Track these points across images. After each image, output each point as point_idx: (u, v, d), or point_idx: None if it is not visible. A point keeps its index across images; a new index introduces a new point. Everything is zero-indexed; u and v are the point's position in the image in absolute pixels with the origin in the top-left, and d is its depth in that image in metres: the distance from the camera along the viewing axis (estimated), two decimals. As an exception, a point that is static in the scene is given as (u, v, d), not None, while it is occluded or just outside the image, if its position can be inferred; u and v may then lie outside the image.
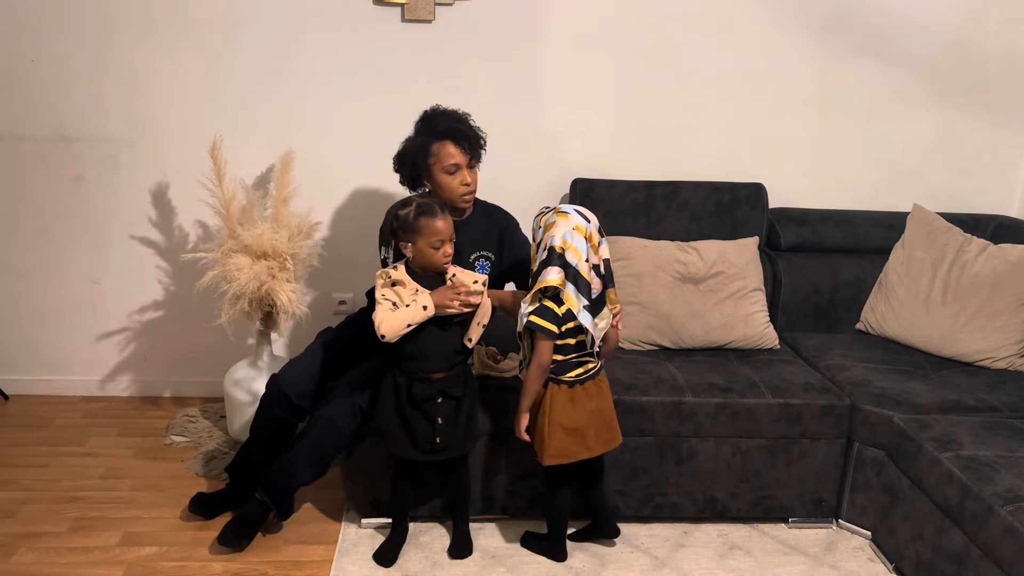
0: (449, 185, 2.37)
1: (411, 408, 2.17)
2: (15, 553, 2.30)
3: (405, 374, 2.17)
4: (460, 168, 2.37)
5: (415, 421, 2.18)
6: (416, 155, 2.38)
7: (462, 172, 2.38)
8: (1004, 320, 2.69)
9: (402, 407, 2.18)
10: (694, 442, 2.47)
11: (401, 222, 2.14)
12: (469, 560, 2.35)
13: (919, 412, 2.40)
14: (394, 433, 2.21)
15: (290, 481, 2.34)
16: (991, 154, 3.22)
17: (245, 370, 2.88)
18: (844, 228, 3.04)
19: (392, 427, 2.21)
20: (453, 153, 2.35)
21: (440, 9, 2.92)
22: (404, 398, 2.17)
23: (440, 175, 2.37)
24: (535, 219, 2.20)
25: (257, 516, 2.37)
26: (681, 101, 3.08)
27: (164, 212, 3.09)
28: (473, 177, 2.41)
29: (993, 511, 1.95)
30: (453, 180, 2.37)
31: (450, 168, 2.36)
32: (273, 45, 2.93)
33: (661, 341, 2.77)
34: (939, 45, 3.08)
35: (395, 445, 2.23)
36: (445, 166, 2.36)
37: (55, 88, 2.94)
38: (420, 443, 2.20)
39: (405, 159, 2.41)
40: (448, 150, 2.35)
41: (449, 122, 2.39)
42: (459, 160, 2.36)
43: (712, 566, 2.38)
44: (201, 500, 2.49)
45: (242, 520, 2.36)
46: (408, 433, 2.20)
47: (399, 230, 2.15)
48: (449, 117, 2.41)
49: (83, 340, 3.21)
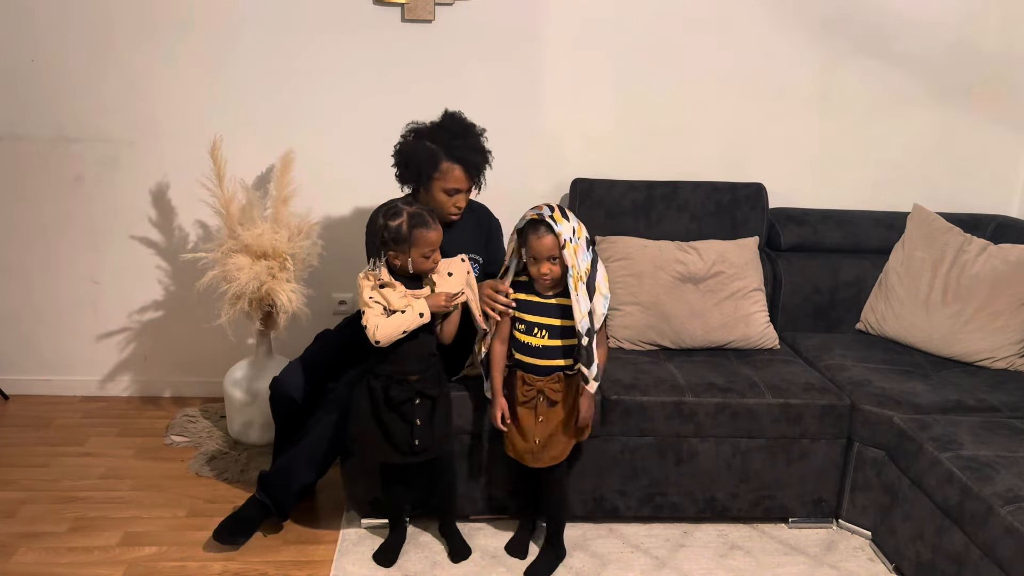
0: (443, 203, 2.38)
1: (389, 411, 2.15)
2: (15, 553, 2.30)
3: (380, 378, 2.15)
4: (460, 192, 2.38)
5: (393, 424, 2.16)
6: (423, 163, 2.35)
7: (460, 195, 2.39)
8: (1004, 320, 2.69)
9: (379, 411, 2.16)
10: (694, 442, 2.47)
11: (393, 234, 2.08)
12: (469, 560, 2.35)
13: (919, 412, 2.40)
14: (372, 439, 2.19)
15: (290, 482, 2.34)
16: (991, 154, 3.22)
17: (245, 370, 2.88)
18: (844, 228, 3.04)
19: (369, 433, 2.18)
20: (459, 179, 2.35)
21: (440, 9, 2.92)
22: (381, 402, 2.15)
23: (438, 192, 2.37)
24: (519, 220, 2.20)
25: (255, 516, 2.37)
26: (681, 101, 3.08)
27: (164, 212, 3.09)
28: (466, 201, 2.42)
29: (993, 511, 1.95)
30: (448, 200, 2.38)
31: (451, 191, 2.37)
32: (273, 45, 2.93)
33: (661, 341, 2.77)
34: (939, 45, 3.08)
35: (376, 452, 2.21)
36: (447, 187, 2.36)
37: (55, 88, 2.94)
38: (400, 446, 2.18)
39: (411, 162, 2.37)
40: (456, 174, 2.35)
41: (467, 146, 2.36)
42: (462, 186, 2.37)
43: (712, 566, 2.38)
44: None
45: (239, 519, 2.36)
46: (387, 437, 2.17)
47: (391, 242, 2.09)
48: (469, 136, 2.38)
49: (83, 340, 3.21)
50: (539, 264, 2.13)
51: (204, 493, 2.63)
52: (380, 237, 2.11)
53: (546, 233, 2.10)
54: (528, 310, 2.20)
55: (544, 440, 2.22)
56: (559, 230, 2.09)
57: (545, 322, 2.18)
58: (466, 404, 2.38)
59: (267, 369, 2.82)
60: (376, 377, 2.16)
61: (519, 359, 2.22)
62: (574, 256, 2.11)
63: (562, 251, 2.10)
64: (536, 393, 2.20)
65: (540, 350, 2.19)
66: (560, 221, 2.11)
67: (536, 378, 2.20)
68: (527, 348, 2.20)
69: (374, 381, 2.16)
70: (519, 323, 2.21)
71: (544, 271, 2.13)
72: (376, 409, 2.17)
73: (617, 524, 2.55)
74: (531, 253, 2.13)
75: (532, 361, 2.20)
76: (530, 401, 2.21)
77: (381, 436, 2.18)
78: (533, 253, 2.13)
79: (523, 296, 2.21)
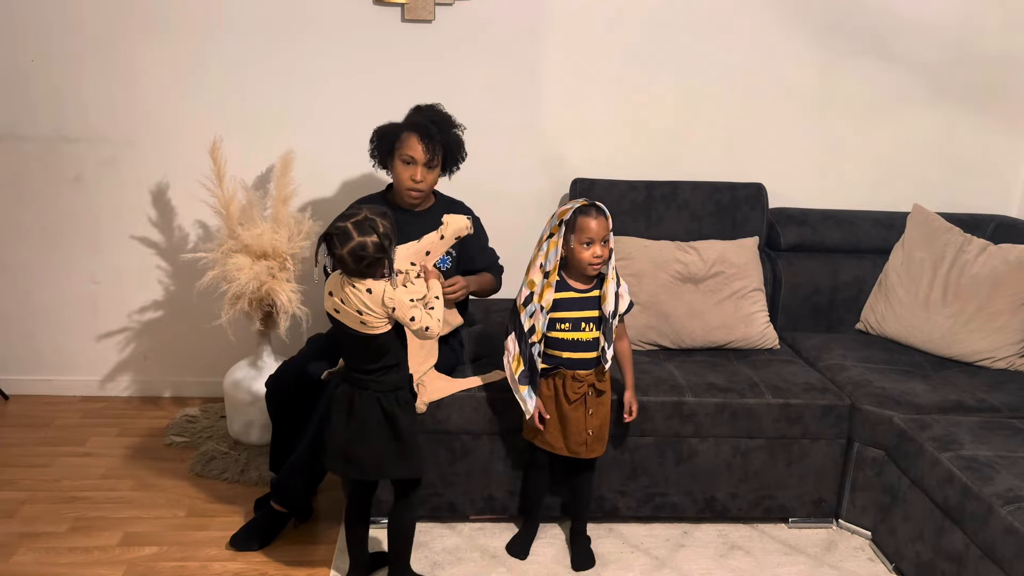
0: (400, 175, 2.43)
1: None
2: (15, 553, 2.30)
3: (351, 383, 2.04)
4: (415, 163, 2.40)
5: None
6: (386, 135, 2.45)
7: (416, 167, 2.41)
8: (1004, 320, 2.69)
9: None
10: (694, 442, 2.47)
11: (383, 253, 1.90)
12: (469, 560, 2.35)
13: (919, 412, 2.40)
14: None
15: (299, 484, 2.35)
16: (991, 154, 3.22)
17: (245, 370, 2.88)
18: (844, 228, 3.04)
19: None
20: (415, 146, 2.40)
21: (440, 9, 2.92)
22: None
23: (396, 162, 2.43)
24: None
25: (272, 523, 2.39)
26: (681, 101, 3.08)
27: (164, 212, 3.09)
28: (425, 177, 2.43)
29: (993, 511, 1.95)
30: (404, 171, 2.42)
31: (406, 158, 2.41)
32: (273, 45, 2.93)
33: (661, 341, 2.77)
34: (939, 45, 3.08)
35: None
36: (403, 154, 2.41)
37: (55, 88, 2.94)
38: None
39: (380, 136, 2.48)
40: (411, 142, 2.40)
41: (427, 119, 2.43)
42: (417, 155, 2.40)
43: (712, 566, 2.38)
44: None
45: (257, 526, 2.37)
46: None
47: (378, 262, 1.91)
48: (432, 114, 2.45)
49: (83, 340, 3.21)
50: (593, 247, 2.17)
51: (204, 493, 2.63)
52: (380, 247, 1.90)
53: (599, 215, 2.17)
54: (572, 307, 2.22)
55: (597, 431, 2.27)
56: (609, 214, 2.18)
57: (591, 315, 2.23)
58: (466, 404, 2.38)
59: (267, 369, 2.82)
60: (347, 382, 2.05)
61: (568, 358, 2.23)
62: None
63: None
64: (588, 388, 2.23)
65: (590, 343, 2.23)
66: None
67: (586, 373, 2.23)
68: (577, 344, 2.22)
69: (344, 387, 2.05)
70: (562, 323, 2.22)
71: (598, 253, 2.17)
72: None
73: (617, 524, 2.55)
74: (585, 236, 2.16)
75: (583, 356, 2.23)
76: (580, 398, 2.23)
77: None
78: (589, 235, 2.16)
79: (562, 295, 2.23)
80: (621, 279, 2.26)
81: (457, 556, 2.38)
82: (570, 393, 2.23)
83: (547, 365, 2.25)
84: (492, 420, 2.39)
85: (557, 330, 2.23)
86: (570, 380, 2.23)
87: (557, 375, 2.24)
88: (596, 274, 2.23)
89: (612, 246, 2.21)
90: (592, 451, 2.29)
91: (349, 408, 2.01)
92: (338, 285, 1.94)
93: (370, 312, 1.92)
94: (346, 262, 1.89)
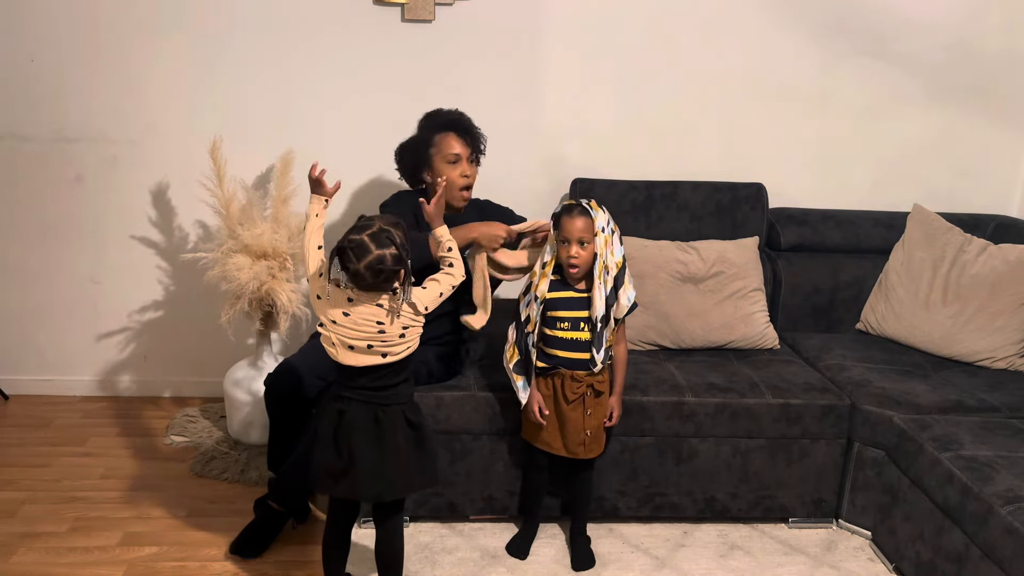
0: (449, 176, 2.39)
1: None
2: (15, 553, 2.30)
3: (366, 402, 1.95)
4: (461, 160, 2.41)
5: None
6: (418, 146, 2.45)
7: (463, 164, 2.42)
8: (1004, 320, 2.69)
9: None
10: (694, 442, 2.47)
11: (401, 264, 1.84)
12: (469, 560, 2.35)
13: (919, 412, 2.40)
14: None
15: (297, 485, 2.34)
16: (991, 154, 3.22)
17: (245, 370, 2.88)
18: (844, 228, 3.04)
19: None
20: (455, 144, 2.41)
21: (440, 9, 2.92)
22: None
23: (441, 164, 2.42)
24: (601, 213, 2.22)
25: (270, 525, 2.38)
26: (681, 101, 3.08)
27: (164, 212, 3.09)
28: (472, 172, 2.45)
29: (993, 511, 1.95)
30: (454, 171, 2.41)
31: (451, 157, 2.41)
32: (273, 45, 2.93)
33: (661, 341, 2.77)
34: (939, 45, 3.08)
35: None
36: (446, 155, 2.41)
37: (55, 88, 2.94)
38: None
39: (407, 150, 2.48)
40: (450, 140, 2.42)
41: (452, 116, 2.46)
42: (460, 151, 2.41)
43: (712, 566, 2.38)
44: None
45: (255, 529, 2.37)
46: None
47: (395, 275, 1.85)
48: (452, 113, 2.49)
49: (83, 340, 3.21)
50: (569, 246, 2.16)
51: (204, 493, 2.63)
52: (398, 258, 1.83)
53: (579, 215, 2.16)
54: (571, 307, 2.22)
55: (594, 431, 2.27)
56: (594, 216, 2.17)
57: (587, 315, 2.22)
58: (466, 404, 2.38)
59: (267, 369, 2.82)
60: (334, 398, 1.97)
61: (566, 357, 2.23)
62: (604, 246, 2.18)
63: (595, 237, 2.16)
64: (586, 388, 2.23)
65: (589, 344, 2.22)
66: (596, 210, 2.19)
67: (584, 373, 2.23)
68: (575, 344, 2.22)
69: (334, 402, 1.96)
70: (561, 322, 2.22)
71: (573, 253, 2.16)
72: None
73: (617, 524, 2.55)
74: (562, 236, 2.17)
75: (582, 356, 2.22)
76: (579, 398, 2.23)
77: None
78: (565, 234, 2.16)
79: (560, 294, 2.23)
80: (627, 282, 2.23)
81: (457, 556, 2.38)
82: (568, 393, 2.23)
83: (546, 364, 2.25)
84: (492, 420, 2.39)
85: (557, 329, 2.23)
86: (569, 380, 2.23)
87: (556, 375, 2.25)
88: (577, 274, 2.20)
89: (597, 250, 2.17)
90: (590, 451, 2.29)
91: (376, 430, 1.91)
92: (339, 313, 1.86)
93: (390, 339, 1.87)
94: (363, 276, 1.80)
